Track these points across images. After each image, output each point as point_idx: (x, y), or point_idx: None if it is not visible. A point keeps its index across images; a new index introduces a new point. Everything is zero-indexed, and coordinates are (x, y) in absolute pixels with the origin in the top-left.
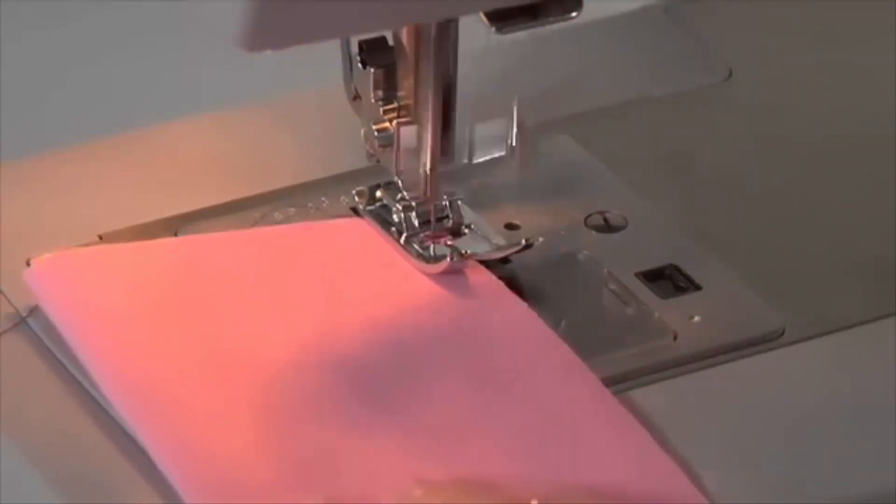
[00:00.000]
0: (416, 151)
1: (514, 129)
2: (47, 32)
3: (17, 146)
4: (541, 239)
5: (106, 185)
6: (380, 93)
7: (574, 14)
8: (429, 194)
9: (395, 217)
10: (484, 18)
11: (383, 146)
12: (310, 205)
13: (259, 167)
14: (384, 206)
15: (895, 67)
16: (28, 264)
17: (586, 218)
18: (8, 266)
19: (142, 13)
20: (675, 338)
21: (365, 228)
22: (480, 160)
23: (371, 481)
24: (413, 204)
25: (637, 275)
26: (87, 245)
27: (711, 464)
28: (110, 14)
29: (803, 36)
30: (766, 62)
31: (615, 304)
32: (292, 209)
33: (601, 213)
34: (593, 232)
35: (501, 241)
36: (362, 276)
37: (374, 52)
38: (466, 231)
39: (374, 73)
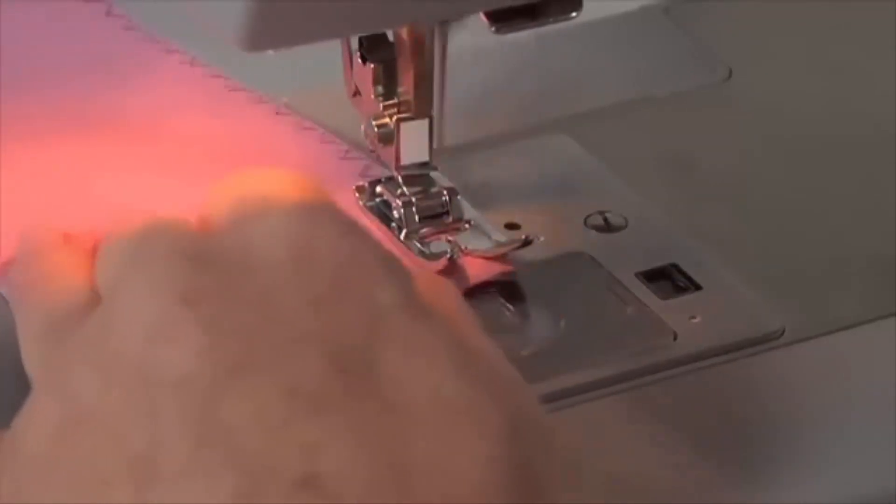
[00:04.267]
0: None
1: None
2: None
3: None
4: (541, 238)
5: None
6: (380, 88)
7: (574, 14)
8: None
9: (395, 213)
10: (484, 18)
11: (383, 142)
12: None
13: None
14: (384, 202)
15: (895, 67)
16: None
17: (586, 218)
18: None
19: (141, 13)
20: (675, 338)
21: None
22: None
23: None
24: (413, 199)
25: (637, 275)
26: None
27: (711, 463)
28: None
29: (803, 36)
30: (766, 62)
31: (615, 304)
32: None
33: (601, 213)
34: (593, 232)
35: (502, 238)
36: None
37: (375, 48)
38: (466, 227)
39: (375, 69)
